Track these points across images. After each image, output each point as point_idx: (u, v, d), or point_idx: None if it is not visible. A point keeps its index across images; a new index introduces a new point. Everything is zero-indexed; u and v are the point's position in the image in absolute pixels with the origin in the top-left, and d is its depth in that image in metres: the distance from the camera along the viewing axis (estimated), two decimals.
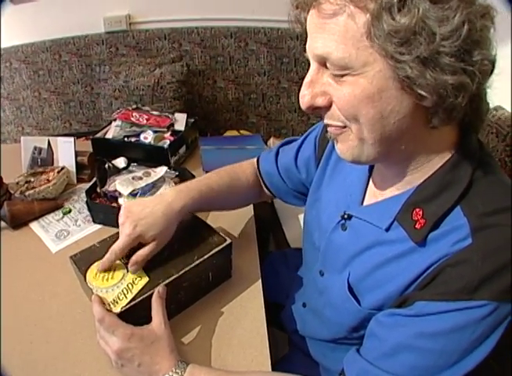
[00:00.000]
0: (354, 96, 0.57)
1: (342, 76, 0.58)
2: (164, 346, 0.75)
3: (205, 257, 0.88)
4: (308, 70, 0.63)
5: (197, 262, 0.87)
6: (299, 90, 0.63)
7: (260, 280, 1.00)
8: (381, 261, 0.69)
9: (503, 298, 0.56)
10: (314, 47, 0.59)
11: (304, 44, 0.63)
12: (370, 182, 0.79)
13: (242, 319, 0.90)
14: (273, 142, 2.14)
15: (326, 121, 0.65)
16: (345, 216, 0.78)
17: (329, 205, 0.86)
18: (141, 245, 0.85)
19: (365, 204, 0.78)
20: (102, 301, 0.78)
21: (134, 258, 0.84)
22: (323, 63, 0.60)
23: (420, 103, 0.57)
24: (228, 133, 2.19)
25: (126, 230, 0.83)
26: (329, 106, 0.63)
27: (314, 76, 0.62)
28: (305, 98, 0.62)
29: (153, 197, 0.93)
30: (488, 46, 0.55)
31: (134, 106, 1.69)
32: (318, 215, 0.89)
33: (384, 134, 0.60)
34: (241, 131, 2.20)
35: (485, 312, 0.56)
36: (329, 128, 0.66)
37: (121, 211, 0.87)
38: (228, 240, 0.93)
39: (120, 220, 0.86)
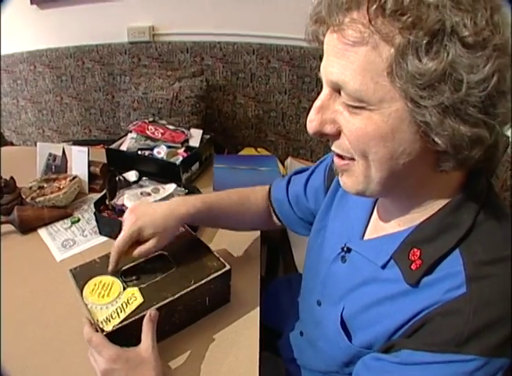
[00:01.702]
0: (366, 133, 0.56)
1: (356, 107, 0.56)
2: (149, 369, 0.77)
3: (202, 282, 0.90)
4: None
5: (193, 286, 0.89)
6: None
7: (258, 308, 1.01)
8: (374, 300, 0.69)
9: (494, 354, 0.55)
10: (329, 72, 0.58)
11: None
12: (374, 214, 0.80)
13: (235, 346, 0.91)
14: (291, 163, 2.15)
15: (334, 148, 0.64)
16: (345, 249, 0.79)
17: (333, 235, 0.86)
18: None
19: (365, 238, 0.78)
20: (91, 323, 0.81)
21: (135, 251, 0.92)
22: (337, 89, 0.58)
23: (432, 148, 0.56)
24: (246, 151, 2.22)
25: (127, 223, 0.91)
26: (337, 135, 0.61)
27: (325, 101, 0.60)
28: (313, 123, 0.60)
29: (161, 202, 1.01)
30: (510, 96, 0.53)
31: (151, 119, 1.74)
32: (322, 243, 0.90)
33: (391, 174, 0.59)
34: (259, 150, 2.23)
35: (473, 367, 0.55)
36: (335, 159, 0.66)
37: (128, 209, 0.96)
38: (228, 267, 0.94)
39: (125, 215, 0.94)
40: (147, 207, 0.95)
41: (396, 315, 0.64)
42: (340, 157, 0.64)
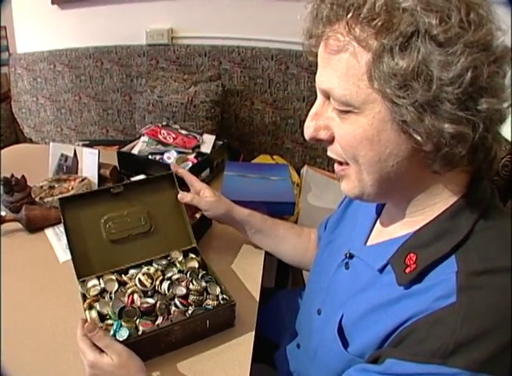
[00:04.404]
0: (354, 136, 0.62)
1: (345, 112, 0.62)
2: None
3: (199, 312, 0.95)
4: None
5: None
6: None
7: (254, 330, 1.01)
8: (370, 306, 0.70)
9: (480, 369, 0.54)
10: (319, 80, 0.65)
11: None
12: (378, 220, 0.83)
13: (226, 361, 0.93)
14: (307, 171, 2.16)
15: (329, 153, 0.70)
16: (348, 255, 0.82)
17: (340, 245, 0.89)
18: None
19: (368, 243, 0.81)
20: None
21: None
22: (327, 96, 0.64)
23: (419, 148, 0.59)
24: (262, 157, 2.23)
25: None
26: (331, 140, 0.67)
27: (319, 109, 0.67)
28: (309, 129, 0.67)
29: None
30: (499, 93, 0.56)
31: (164, 123, 1.79)
32: (328, 256, 0.93)
33: (382, 176, 0.64)
34: (274, 157, 2.23)
35: None
36: (335, 166, 0.71)
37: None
38: (232, 301, 0.98)
39: None
40: None
41: (388, 321, 0.65)
42: (339, 163, 0.70)
